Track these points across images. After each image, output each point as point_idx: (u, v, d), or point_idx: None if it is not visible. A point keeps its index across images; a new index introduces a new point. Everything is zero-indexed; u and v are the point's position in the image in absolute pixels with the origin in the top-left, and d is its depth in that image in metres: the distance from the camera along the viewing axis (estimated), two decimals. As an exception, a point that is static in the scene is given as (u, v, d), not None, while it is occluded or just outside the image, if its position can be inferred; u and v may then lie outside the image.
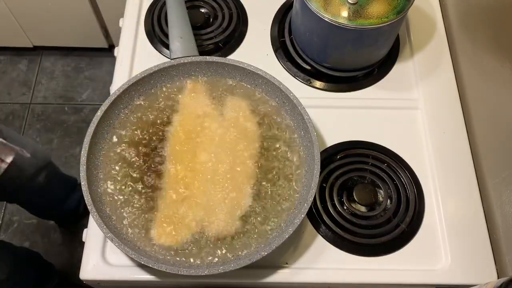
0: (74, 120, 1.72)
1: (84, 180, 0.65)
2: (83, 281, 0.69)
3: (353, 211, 0.72)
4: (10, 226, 1.53)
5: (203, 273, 0.61)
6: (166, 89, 0.77)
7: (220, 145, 0.72)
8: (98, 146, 0.71)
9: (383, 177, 0.74)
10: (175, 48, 0.76)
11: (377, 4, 0.72)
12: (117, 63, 0.85)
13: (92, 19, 1.56)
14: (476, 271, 0.69)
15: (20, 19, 1.59)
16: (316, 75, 0.84)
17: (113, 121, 0.73)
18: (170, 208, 0.67)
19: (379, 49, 0.81)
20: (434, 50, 0.88)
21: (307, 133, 0.70)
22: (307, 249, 0.70)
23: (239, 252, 0.65)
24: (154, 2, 0.92)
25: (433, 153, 0.77)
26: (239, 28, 0.90)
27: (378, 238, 0.70)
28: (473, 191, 0.75)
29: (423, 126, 0.80)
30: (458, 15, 0.87)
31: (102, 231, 0.62)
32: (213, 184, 0.69)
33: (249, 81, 0.77)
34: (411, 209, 0.72)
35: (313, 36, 0.79)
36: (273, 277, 0.68)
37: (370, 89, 0.84)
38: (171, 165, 0.70)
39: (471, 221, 0.72)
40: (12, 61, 1.82)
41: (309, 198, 0.65)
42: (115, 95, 0.72)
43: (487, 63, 0.76)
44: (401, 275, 0.68)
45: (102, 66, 1.81)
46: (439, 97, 0.83)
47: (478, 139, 0.78)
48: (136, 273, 0.68)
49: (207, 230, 0.66)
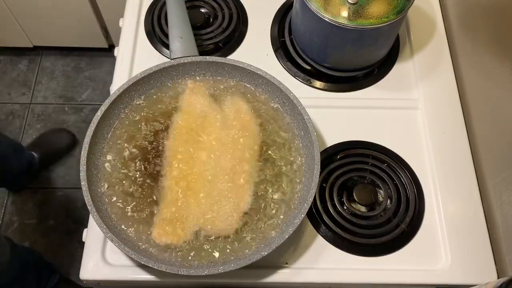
0: (74, 120, 1.72)
1: (84, 180, 0.65)
2: (83, 281, 0.69)
3: (353, 211, 0.72)
4: (10, 226, 1.53)
5: (203, 273, 0.61)
6: (166, 89, 0.77)
7: (220, 145, 0.72)
8: (98, 146, 0.71)
9: (383, 177, 0.74)
10: (175, 48, 0.76)
11: (377, 4, 0.72)
12: (117, 63, 0.85)
13: (92, 19, 1.56)
14: (476, 271, 0.69)
15: (20, 19, 1.59)
16: (316, 75, 0.84)
17: (113, 121, 0.73)
18: (170, 208, 0.67)
19: (379, 49, 0.81)
20: (434, 50, 0.88)
21: (307, 133, 0.70)
22: (307, 249, 0.70)
23: (239, 252, 0.65)
24: (154, 2, 0.92)
25: (433, 153, 0.77)
26: (239, 28, 0.90)
27: (378, 238, 0.70)
28: (473, 191, 0.75)
29: (423, 126, 0.80)
30: (458, 15, 0.87)
31: (102, 231, 0.62)
32: (213, 184, 0.69)
33: (249, 81, 0.77)
34: (411, 209, 0.72)
35: (313, 36, 0.79)
36: (273, 277, 0.68)
37: (370, 89, 0.84)
38: (171, 165, 0.70)
39: (471, 221, 0.72)
40: (12, 61, 1.82)
41: (309, 198, 0.65)
42: (115, 95, 0.72)
43: (487, 63, 0.76)
44: (401, 275, 0.68)
45: (102, 66, 1.81)
46: (439, 97, 0.83)
47: (478, 139, 0.78)
48: (136, 273, 0.68)
49: (207, 230, 0.66)
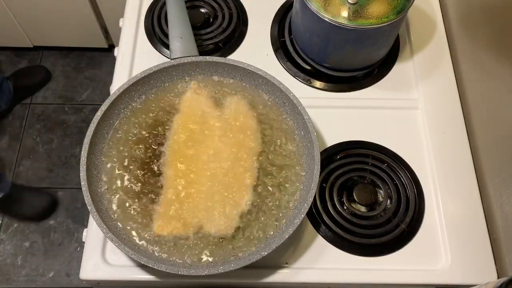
0: (74, 120, 1.72)
1: (84, 180, 0.65)
2: (83, 281, 0.69)
3: (353, 211, 0.72)
4: (10, 226, 1.53)
5: (203, 273, 0.61)
6: (166, 89, 0.77)
7: (221, 144, 0.72)
8: (98, 146, 0.71)
9: (383, 177, 0.74)
10: (175, 48, 0.76)
11: (377, 4, 0.72)
12: (117, 63, 0.85)
13: (92, 19, 1.57)
14: (476, 271, 0.69)
15: (20, 19, 1.59)
16: (316, 75, 0.84)
17: (113, 121, 0.73)
18: (170, 207, 0.67)
19: (379, 49, 0.81)
20: (434, 50, 0.88)
21: (307, 133, 0.70)
22: (307, 249, 0.70)
23: (239, 252, 0.65)
24: (154, 2, 0.92)
25: (433, 153, 0.77)
26: (239, 28, 0.90)
27: (378, 238, 0.70)
28: (473, 191, 0.75)
29: (423, 126, 0.80)
30: (458, 15, 0.87)
31: (102, 231, 0.62)
32: (214, 183, 0.69)
33: (249, 81, 0.77)
34: (411, 209, 0.72)
35: (313, 36, 0.79)
36: (273, 277, 0.68)
37: (370, 89, 0.84)
38: (172, 165, 0.70)
39: (471, 221, 0.72)
40: (12, 61, 1.82)
41: (309, 198, 0.65)
42: (115, 95, 0.72)
43: (487, 63, 0.76)
44: (401, 275, 0.68)
45: (102, 66, 1.81)
46: (439, 97, 0.83)
47: (478, 139, 0.78)
48: (136, 273, 0.68)
49: (207, 229, 0.66)
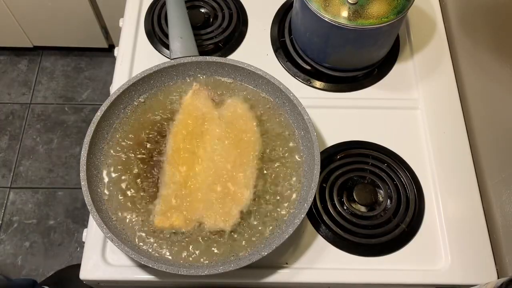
0: (74, 120, 1.72)
1: (84, 180, 0.65)
2: (83, 281, 0.69)
3: (353, 211, 0.72)
4: (10, 226, 1.53)
5: (203, 273, 0.61)
6: (166, 89, 0.77)
7: (221, 144, 0.72)
8: (98, 146, 0.71)
9: (383, 177, 0.74)
10: (175, 48, 0.76)
11: (377, 4, 0.72)
12: (117, 63, 0.85)
13: (92, 19, 1.56)
14: (476, 271, 0.69)
15: (20, 19, 1.59)
16: (316, 75, 0.84)
17: (113, 121, 0.73)
18: (170, 206, 0.67)
19: (379, 49, 0.81)
20: (434, 50, 0.87)
21: (307, 133, 0.70)
22: (307, 249, 0.70)
23: (239, 252, 0.65)
24: (154, 2, 0.92)
25: (433, 153, 0.77)
26: (239, 28, 0.90)
27: (378, 238, 0.70)
28: (473, 191, 0.75)
29: (423, 126, 0.80)
30: (458, 15, 0.87)
31: (102, 231, 0.62)
32: (214, 183, 0.69)
33: (249, 81, 0.77)
34: (411, 209, 0.72)
35: (313, 36, 0.79)
36: (273, 277, 0.68)
37: (370, 89, 0.84)
38: (172, 164, 0.70)
39: (471, 221, 0.72)
40: (12, 61, 1.82)
41: (309, 198, 0.65)
42: (115, 95, 0.72)
43: (487, 63, 0.76)
44: (401, 275, 0.68)
45: (102, 66, 1.81)
46: (439, 97, 0.83)
47: (478, 139, 0.78)
48: (136, 273, 0.68)
49: (207, 229, 0.66)
